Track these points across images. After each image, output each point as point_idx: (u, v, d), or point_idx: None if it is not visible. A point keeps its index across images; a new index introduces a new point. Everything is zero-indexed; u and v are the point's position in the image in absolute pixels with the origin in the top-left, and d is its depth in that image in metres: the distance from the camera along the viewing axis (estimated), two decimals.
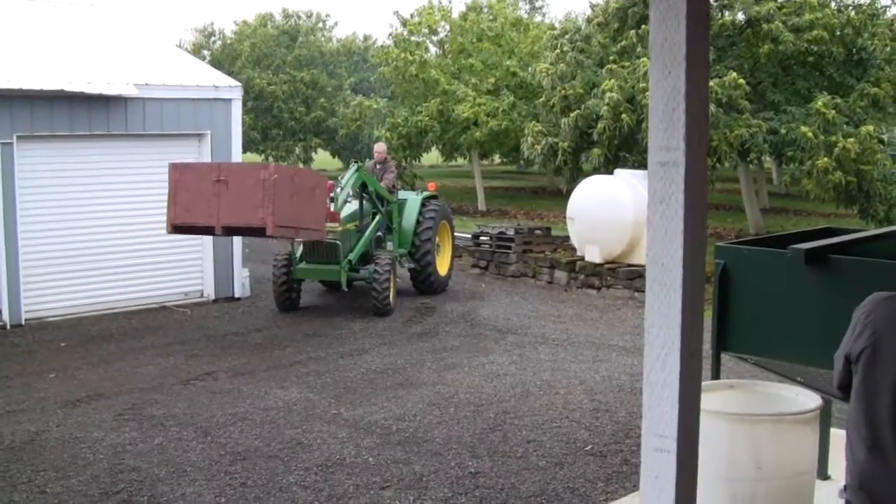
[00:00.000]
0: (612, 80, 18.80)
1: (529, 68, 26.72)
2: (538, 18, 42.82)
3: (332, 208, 13.89)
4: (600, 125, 18.73)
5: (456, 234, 17.69)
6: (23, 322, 13.85)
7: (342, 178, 15.13)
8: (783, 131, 18.23)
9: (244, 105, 20.45)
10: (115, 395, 10.34)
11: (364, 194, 15.08)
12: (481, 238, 19.13)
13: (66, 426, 9.24)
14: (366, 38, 50.97)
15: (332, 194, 14.10)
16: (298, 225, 12.74)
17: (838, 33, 19.57)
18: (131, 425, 9.27)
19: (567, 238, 18.04)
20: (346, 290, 14.83)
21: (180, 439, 8.87)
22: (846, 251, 6.29)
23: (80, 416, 9.55)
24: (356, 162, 15.66)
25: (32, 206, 14.05)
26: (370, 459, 8.33)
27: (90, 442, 8.76)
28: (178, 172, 12.36)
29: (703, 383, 4.23)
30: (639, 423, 3.19)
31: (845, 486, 3.56)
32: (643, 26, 19.65)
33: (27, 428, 9.16)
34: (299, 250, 14.79)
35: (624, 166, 18.35)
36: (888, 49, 20.04)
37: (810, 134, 17.52)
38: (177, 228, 12.51)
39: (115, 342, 13.03)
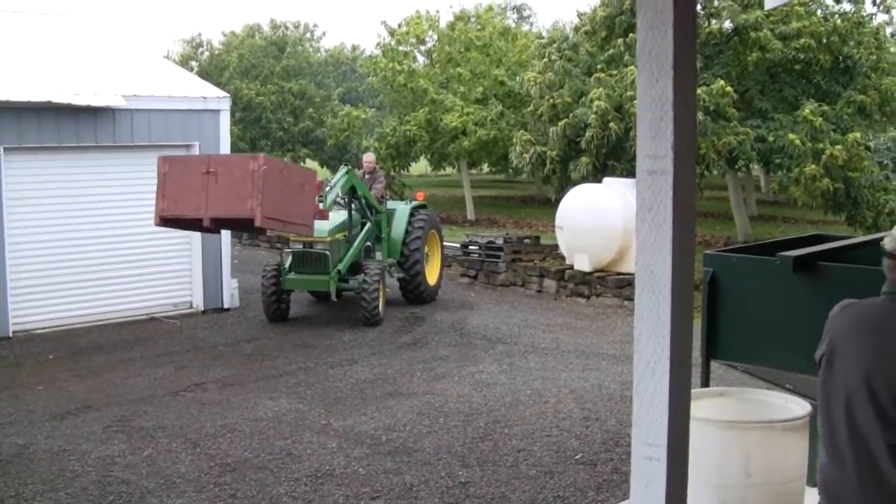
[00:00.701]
0: (600, 89, 18.83)
1: (517, 77, 26.76)
2: (526, 27, 42.93)
3: (320, 207, 13.84)
4: (588, 134, 18.74)
5: (445, 243, 17.70)
6: (10, 334, 13.79)
7: (332, 178, 15.12)
8: (771, 139, 18.29)
9: (232, 116, 20.43)
10: (104, 407, 10.30)
11: (353, 199, 15.08)
12: (470, 247, 19.13)
13: (55, 439, 9.19)
14: (354, 48, 51.03)
15: (320, 193, 14.05)
16: (287, 219, 12.61)
17: (825, 41, 19.66)
18: (120, 437, 9.24)
19: (556, 247, 18.04)
20: (335, 300, 14.79)
21: (169, 451, 8.84)
22: (834, 258, 6.31)
23: (68, 429, 9.51)
24: (346, 164, 15.66)
25: (20, 217, 14.00)
26: (360, 470, 8.31)
27: (78, 454, 8.72)
28: (167, 165, 12.32)
29: (693, 391, 4.24)
30: (629, 431, 3.18)
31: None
32: (631, 35, 19.69)
33: (15, 441, 9.12)
34: (288, 261, 14.76)
35: (612, 175, 18.37)
36: (874, 57, 20.16)
37: (798, 141, 17.58)
38: (165, 221, 12.45)
39: (104, 354, 12.98)
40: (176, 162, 12.53)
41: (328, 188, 14.46)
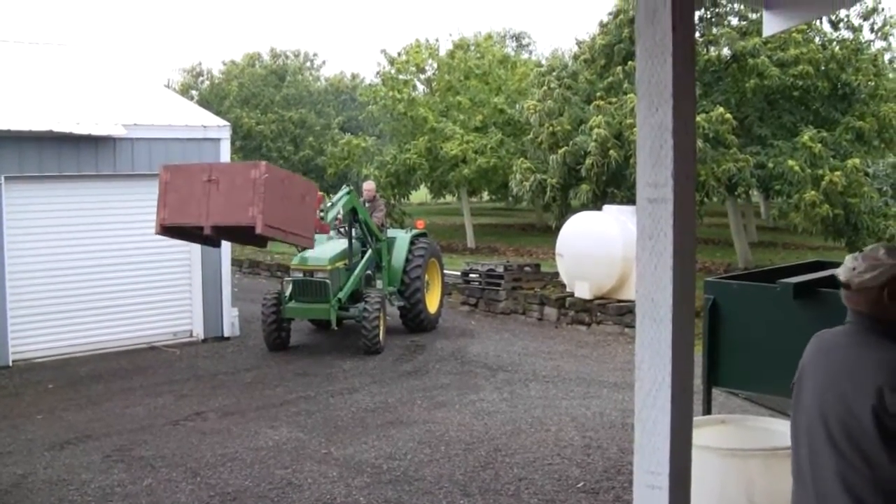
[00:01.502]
0: (600, 117, 18.89)
1: (517, 105, 26.85)
2: (525, 56, 43.12)
3: (321, 221, 13.79)
4: (588, 161, 18.79)
5: (445, 271, 17.68)
6: (10, 363, 13.76)
7: (332, 197, 15.13)
8: (770, 165, 18.33)
9: (232, 145, 20.46)
10: (104, 437, 10.25)
11: (354, 221, 15.08)
12: (471, 275, 19.12)
13: (54, 468, 9.15)
14: (354, 76, 51.18)
15: (321, 208, 14.00)
16: (287, 228, 12.55)
17: (823, 68, 19.75)
18: (120, 467, 9.20)
19: (556, 274, 18.03)
20: (335, 328, 14.77)
21: (169, 480, 8.79)
22: (835, 285, 6.29)
23: (67, 458, 9.47)
24: (347, 185, 15.67)
25: (21, 246, 14.01)
26: (361, 499, 8.27)
27: (78, 484, 8.68)
28: (169, 173, 12.30)
29: (695, 419, 4.23)
30: (630, 459, 3.18)
31: None
32: (630, 62, 19.78)
33: (14, 471, 9.07)
34: (288, 289, 14.75)
35: (612, 202, 18.40)
36: (872, 84, 20.25)
37: (797, 168, 17.62)
38: (166, 230, 12.43)
39: (104, 383, 12.95)
40: (177, 170, 12.51)
41: (329, 205, 14.48)
